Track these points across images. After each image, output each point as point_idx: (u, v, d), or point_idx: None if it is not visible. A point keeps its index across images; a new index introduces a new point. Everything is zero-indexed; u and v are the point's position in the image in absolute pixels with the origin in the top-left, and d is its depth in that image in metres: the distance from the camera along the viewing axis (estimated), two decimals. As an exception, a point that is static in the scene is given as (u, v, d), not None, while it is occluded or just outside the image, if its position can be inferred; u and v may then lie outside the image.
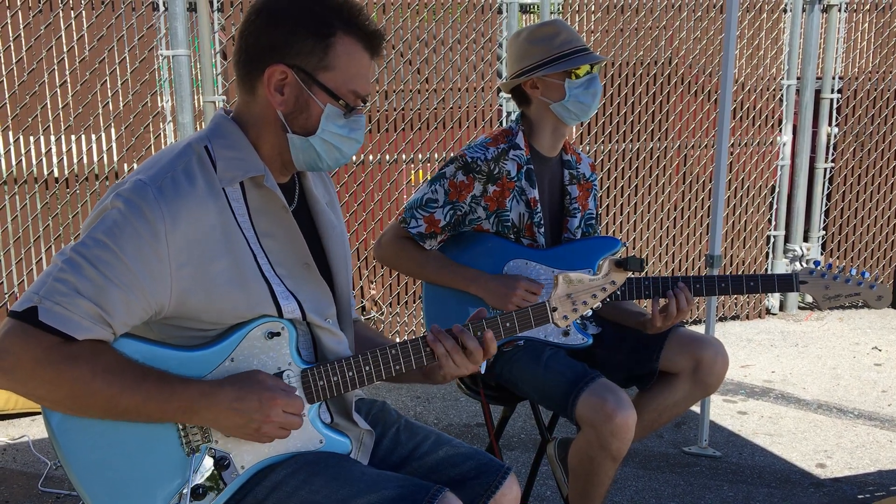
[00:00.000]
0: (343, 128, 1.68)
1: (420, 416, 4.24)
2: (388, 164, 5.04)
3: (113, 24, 4.43)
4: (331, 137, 1.67)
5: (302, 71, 1.63)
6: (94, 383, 1.49)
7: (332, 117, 1.66)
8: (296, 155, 1.69)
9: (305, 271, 1.72)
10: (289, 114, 1.66)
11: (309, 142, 1.67)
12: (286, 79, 1.64)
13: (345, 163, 1.75)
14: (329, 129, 1.66)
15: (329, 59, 1.63)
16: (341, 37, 1.63)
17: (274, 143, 1.69)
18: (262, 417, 1.59)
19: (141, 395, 1.52)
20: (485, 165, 2.58)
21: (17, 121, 4.37)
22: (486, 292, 2.57)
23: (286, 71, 1.63)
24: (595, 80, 2.61)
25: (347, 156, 1.73)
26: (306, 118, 1.66)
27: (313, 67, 1.63)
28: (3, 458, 3.78)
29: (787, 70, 5.74)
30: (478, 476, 1.80)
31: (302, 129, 1.67)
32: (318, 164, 1.71)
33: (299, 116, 1.66)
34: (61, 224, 4.51)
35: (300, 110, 1.66)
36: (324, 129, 1.66)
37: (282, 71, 1.63)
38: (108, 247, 1.51)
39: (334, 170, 1.78)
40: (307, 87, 1.64)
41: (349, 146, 1.71)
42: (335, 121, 1.66)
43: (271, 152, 1.70)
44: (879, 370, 4.85)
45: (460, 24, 5.05)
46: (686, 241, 5.72)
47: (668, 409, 2.67)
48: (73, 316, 1.48)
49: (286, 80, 1.64)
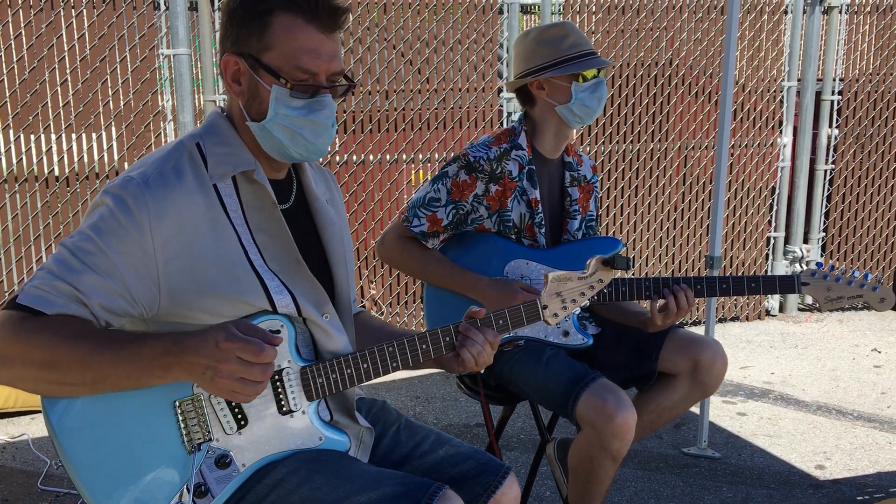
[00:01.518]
0: (300, 109, 1.63)
1: (420, 416, 4.24)
2: (388, 164, 5.05)
3: (114, 22, 4.43)
4: (286, 121, 1.64)
5: (249, 56, 1.63)
6: (62, 348, 1.47)
7: (282, 98, 1.63)
8: (263, 144, 1.68)
9: (297, 268, 1.72)
10: (246, 102, 1.67)
11: (265, 127, 1.65)
12: (239, 68, 1.65)
13: (319, 152, 1.68)
14: (281, 111, 1.63)
15: (267, 38, 1.62)
16: (278, 14, 1.61)
17: (250, 136, 1.70)
18: (216, 362, 1.47)
19: (112, 352, 1.48)
20: (487, 165, 2.58)
21: (17, 119, 4.37)
22: (485, 300, 2.56)
23: (237, 60, 1.64)
24: (601, 85, 2.61)
25: (316, 143, 1.66)
26: (259, 103, 1.65)
27: (256, 50, 1.62)
28: (3, 457, 3.78)
29: (788, 72, 5.75)
30: (478, 475, 1.80)
31: (258, 115, 1.66)
32: (288, 153, 1.67)
33: (253, 103, 1.66)
34: (61, 223, 4.51)
35: (253, 96, 1.65)
36: (276, 111, 1.63)
37: (234, 61, 1.65)
38: (91, 239, 1.53)
39: (311, 160, 1.72)
40: (254, 71, 1.63)
41: (313, 130, 1.65)
42: (286, 102, 1.63)
43: (252, 145, 1.71)
44: (879, 372, 4.85)
45: (461, 24, 5.05)
46: (686, 242, 5.72)
47: (667, 411, 2.67)
48: (47, 295, 1.50)
49: (239, 70, 1.65)
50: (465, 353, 1.76)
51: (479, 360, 1.77)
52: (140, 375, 1.52)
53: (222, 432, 1.65)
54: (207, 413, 1.64)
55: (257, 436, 1.68)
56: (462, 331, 1.78)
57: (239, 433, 1.66)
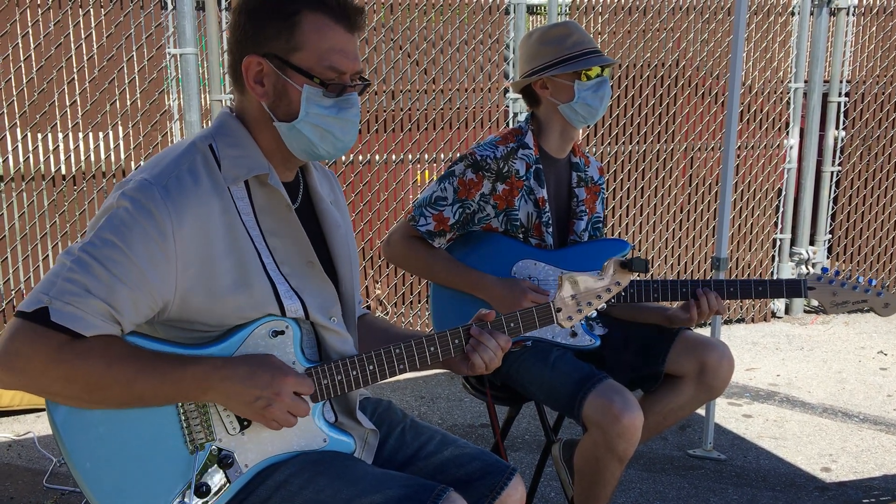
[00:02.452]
0: (331, 108, 1.65)
1: (425, 416, 4.24)
2: (394, 164, 5.05)
3: (121, 22, 4.44)
4: (317, 120, 1.65)
5: (275, 57, 1.62)
6: (108, 373, 1.50)
7: (314, 98, 1.64)
8: (290, 144, 1.68)
9: (310, 270, 1.72)
10: (272, 103, 1.66)
11: (295, 127, 1.65)
12: (262, 69, 1.64)
13: (345, 148, 1.71)
14: (312, 110, 1.64)
15: (296, 39, 1.62)
16: (306, 14, 1.62)
17: (270, 138, 1.69)
18: (272, 394, 1.58)
19: (157, 376, 1.53)
20: (494, 164, 2.58)
21: (25, 118, 4.38)
22: (492, 298, 2.56)
23: (261, 61, 1.63)
24: (605, 84, 2.60)
25: (344, 140, 1.69)
26: (287, 104, 1.65)
27: (284, 51, 1.62)
28: (9, 455, 3.78)
29: (795, 73, 5.73)
30: (483, 476, 1.80)
31: (286, 116, 1.66)
32: (316, 151, 1.68)
33: (280, 103, 1.65)
34: (68, 221, 4.52)
35: (280, 97, 1.65)
36: (307, 111, 1.64)
37: (257, 62, 1.64)
38: (117, 246, 1.51)
39: (337, 157, 1.73)
40: (282, 72, 1.63)
41: (342, 128, 1.68)
42: (318, 101, 1.64)
43: (270, 146, 1.70)
44: (885, 374, 4.84)
45: (467, 24, 5.05)
46: (692, 244, 5.71)
47: (673, 413, 2.67)
48: (84, 314, 1.48)
49: (263, 70, 1.64)
50: (477, 358, 1.76)
51: (490, 365, 1.78)
52: (176, 396, 1.58)
53: (225, 432, 1.65)
54: (210, 413, 1.64)
55: (260, 436, 1.68)
56: (474, 335, 1.77)
57: (242, 433, 1.66)
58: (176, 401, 1.59)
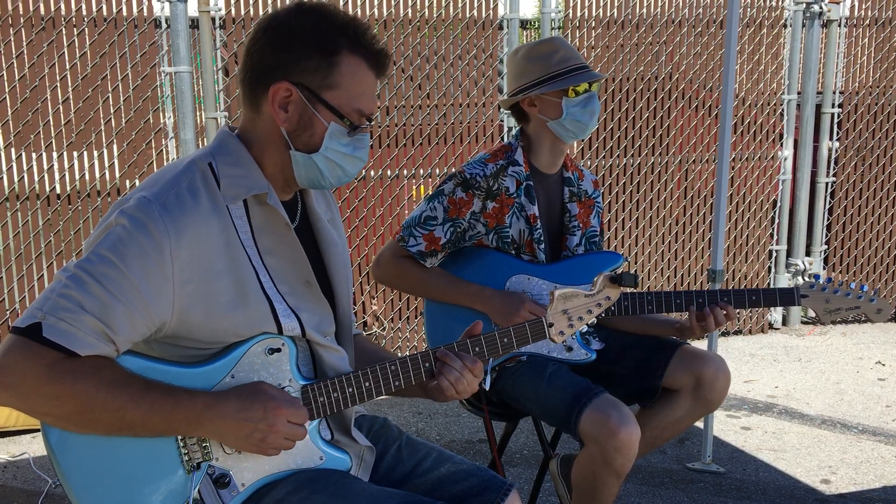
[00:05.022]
0: (347, 146, 1.68)
1: (422, 433, 4.22)
2: (389, 180, 5.05)
3: (115, 41, 4.45)
4: (334, 155, 1.67)
5: (307, 89, 1.63)
6: (98, 397, 1.48)
7: (336, 135, 1.66)
8: (298, 172, 1.69)
9: (307, 289, 1.72)
10: (292, 131, 1.66)
11: (312, 159, 1.67)
12: (290, 96, 1.64)
13: (347, 181, 1.75)
14: (332, 146, 1.66)
15: (334, 78, 1.63)
16: (347, 55, 1.63)
17: (277, 161, 1.69)
18: (267, 427, 1.58)
19: (146, 407, 1.51)
20: (484, 182, 2.58)
21: (19, 137, 4.38)
22: (491, 309, 2.55)
23: (291, 88, 1.63)
24: (593, 99, 2.60)
25: (350, 174, 1.73)
26: (310, 135, 1.66)
27: (318, 86, 1.63)
28: (4, 476, 3.76)
29: (788, 85, 5.76)
30: (480, 493, 1.79)
31: (305, 147, 1.67)
32: (321, 182, 1.71)
33: (303, 134, 1.66)
34: (63, 240, 4.51)
35: (304, 128, 1.66)
36: (327, 146, 1.66)
37: (286, 88, 1.63)
38: (112, 263, 1.50)
39: (336, 187, 1.77)
40: (311, 104, 1.64)
41: (352, 164, 1.71)
42: (339, 139, 1.66)
43: (274, 170, 1.70)
44: (883, 385, 4.83)
45: (461, 40, 5.07)
46: (688, 256, 5.72)
47: (670, 427, 2.66)
48: (78, 332, 1.47)
49: (290, 98, 1.64)
50: (443, 380, 1.76)
51: (457, 387, 1.76)
52: (165, 430, 1.56)
53: (222, 451, 1.64)
54: (207, 432, 1.63)
55: (257, 456, 1.66)
56: (440, 356, 1.77)
57: (239, 452, 1.65)
58: (166, 434, 1.59)
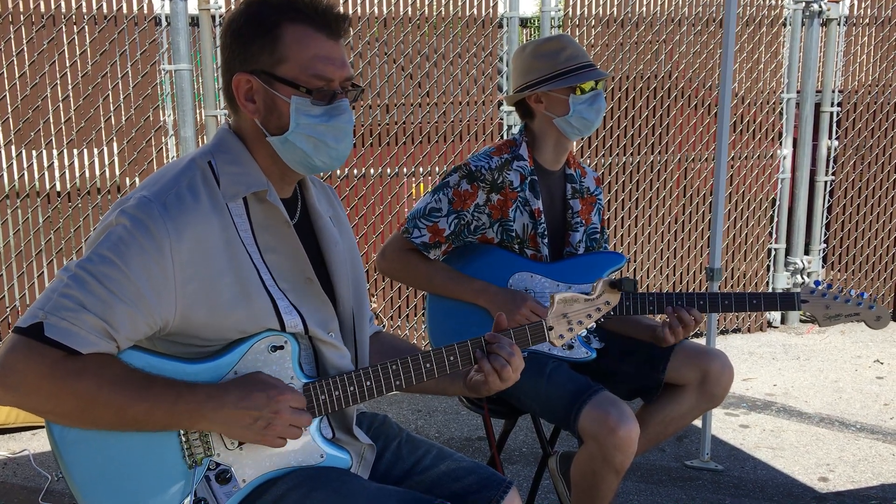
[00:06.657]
0: (321, 116, 1.65)
1: (421, 430, 4.23)
2: (389, 178, 5.06)
3: (115, 38, 4.45)
4: (308, 129, 1.65)
5: (262, 73, 1.64)
6: (100, 395, 1.49)
7: (303, 108, 1.64)
8: (285, 157, 1.68)
9: (308, 286, 1.72)
10: (264, 119, 1.67)
11: (288, 139, 1.66)
12: (252, 86, 1.65)
13: (341, 158, 1.71)
14: (302, 121, 1.64)
15: (280, 51, 1.63)
16: (287, 25, 1.63)
17: (266, 154, 1.70)
18: (271, 413, 1.58)
19: (148, 402, 1.52)
20: (489, 174, 2.59)
21: (19, 135, 4.38)
22: (493, 305, 2.57)
23: (249, 78, 1.65)
24: (599, 97, 2.62)
25: (339, 148, 1.69)
26: (278, 117, 1.66)
27: (269, 65, 1.63)
28: (4, 473, 3.77)
29: (787, 83, 5.77)
30: (479, 490, 1.80)
31: (277, 129, 1.66)
32: (312, 162, 1.68)
33: (272, 118, 1.66)
34: (63, 238, 4.52)
35: (270, 111, 1.66)
36: (297, 122, 1.64)
37: (246, 80, 1.65)
38: (113, 263, 1.51)
39: (334, 167, 1.73)
40: (270, 86, 1.64)
41: (335, 136, 1.67)
42: (307, 111, 1.64)
43: (267, 163, 1.70)
44: (881, 383, 4.84)
45: (461, 38, 5.07)
46: (687, 255, 5.72)
47: (674, 421, 2.67)
48: (79, 331, 1.48)
49: (252, 88, 1.65)
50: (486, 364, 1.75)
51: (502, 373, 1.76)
52: (168, 423, 1.57)
53: (223, 447, 1.65)
54: (209, 428, 1.64)
55: (258, 452, 1.68)
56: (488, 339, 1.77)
57: (240, 448, 1.66)
58: (170, 429, 1.59)
